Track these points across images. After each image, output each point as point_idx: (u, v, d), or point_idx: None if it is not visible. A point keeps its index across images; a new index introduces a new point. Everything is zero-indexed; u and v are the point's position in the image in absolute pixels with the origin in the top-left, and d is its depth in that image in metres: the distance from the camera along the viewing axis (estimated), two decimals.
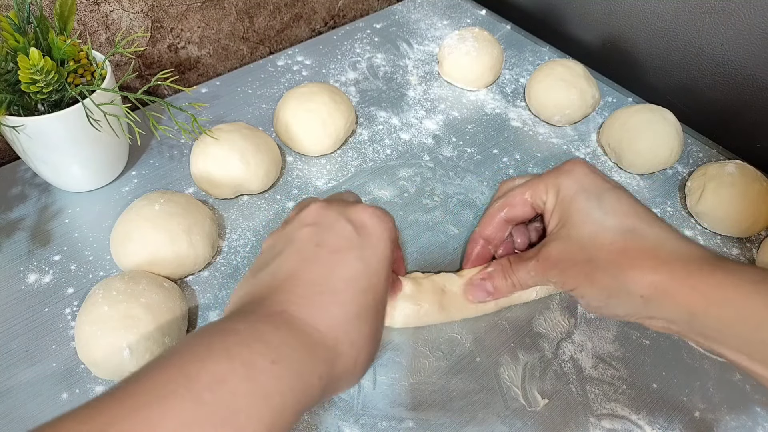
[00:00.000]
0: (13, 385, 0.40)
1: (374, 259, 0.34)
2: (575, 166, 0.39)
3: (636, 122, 0.55)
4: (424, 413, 0.40)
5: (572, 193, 0.38)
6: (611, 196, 0.36)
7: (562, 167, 0.39)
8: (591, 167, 0.39)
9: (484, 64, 0.62)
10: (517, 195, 0.41)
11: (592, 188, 0.37)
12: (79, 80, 0.47)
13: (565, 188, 0.38)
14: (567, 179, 0.38)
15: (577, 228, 0.36)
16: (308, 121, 0.54)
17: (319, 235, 0.34)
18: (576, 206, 0.37)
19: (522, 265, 0.40)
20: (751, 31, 0.56)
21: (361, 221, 0.35)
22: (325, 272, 0.32)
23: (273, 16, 0.71)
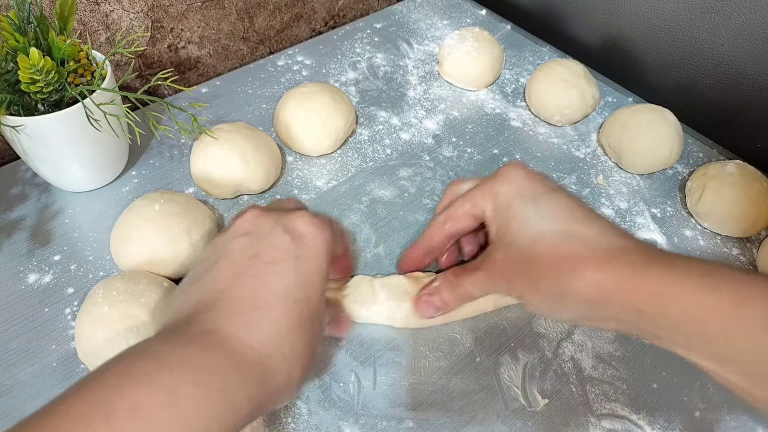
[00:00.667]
0: (13, 385, 0.40)
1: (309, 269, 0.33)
2: (511, 170, 0.38)
3: (636, 122, 0.55)
4: (424, 413, 0.40)
5: (509, 200, 0.36)
6: (548, 199, 0.35)
7: (498, 173, 0.38)
8: (527, 170, 0.38)
9: (484, 64, 0.62)
10: (458, 208, 0.40)
11: (528, 193, 0.36)
12: (79, 80, 0.47)
13: (502, 195, 0.37)
14: (503, 185, 0.37)
15: (517, 235, 0.35)
16: (308, 121, 0.54)
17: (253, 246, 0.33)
18: (513, 213, 0.36)
19: (467, 277, 0.39)
20: (751, 31, 0.56)
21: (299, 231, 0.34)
22: (258, 286, 0.31)
23: (273, 16, 0.71)
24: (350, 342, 0.43)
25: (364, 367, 0.42)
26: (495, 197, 0.37)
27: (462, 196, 0.40)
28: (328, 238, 0.35)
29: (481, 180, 0.40)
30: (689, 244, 0.51)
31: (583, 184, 0.55)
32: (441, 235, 0.42)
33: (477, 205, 0.39)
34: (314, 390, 0.40)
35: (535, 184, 0.37)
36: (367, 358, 0.42)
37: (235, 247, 0.33)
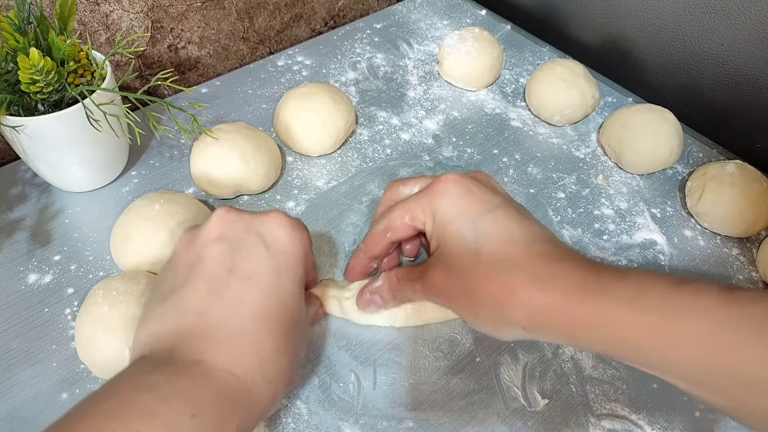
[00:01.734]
0: (13, 385, 0.40)
1: (288, 280, 0.33)
2: (449, 187, 0.36)
3: (636, 122, 0.55)
4: (424, 413, 0.40)
5: (447, 220, 0.35)
6: (485, 221, 0.34)
7: (436, 187, 0.37)
8: (466, 187, 0.36)
9: (484, 64, 0.62)
10: (398, 219, 0.39)
11: (467, 213, 0.35)
12: (79, 80, 0.47)
13: (441, 213, 0.36)
14: (443, 202, 0.36)
15: (455, 258, 0.35)
16: (308, 121, 0.54)
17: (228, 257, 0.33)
18: (451, 234, 0.35)
19: (408, 285, 0.39)
20: (751, 31, 0.56)
21: (273, 237, 0.34)
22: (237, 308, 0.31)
23: (273, 16, 0.71)
24: (350, 342, 0.43)
25: (364, 367, 0.42)
26: (434, 215, 0.36)
27: (401, 205, 0.39)
28: (305, 241, 0.35)
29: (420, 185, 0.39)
30: (689, 244, 0.51)
31: (583, 184, 0.55)
32: (382, 243, 0.41)
33: (416, 218, 0.38)
34: (314, 390, 0.40)
35: (472, 204, 0.35)
36: (367, 358, 0.42)
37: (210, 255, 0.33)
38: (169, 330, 0.31)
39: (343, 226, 0.51)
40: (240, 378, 0.29)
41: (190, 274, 0.33)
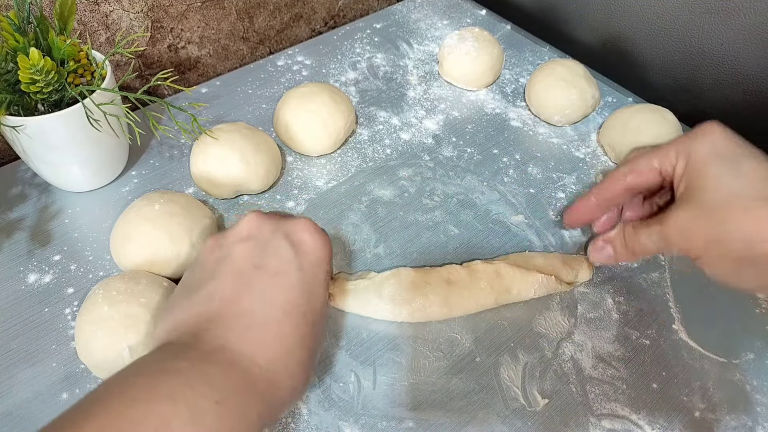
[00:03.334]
0: (13, 385, 0.40)
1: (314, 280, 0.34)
2: (711, 128, 0.36)
3: (636, 122, 0.55)
4: (424, 413, 0.40)
5: (705, 158, 0.35)
6: (748, 162, 0.34)
7: (696, 131, 0.37)
8: (728, 131, 0.36)
9: (484, 64, 0.62)
10: (644, 161, 0.39)
11: (727, 153, 0.35)
12: (79, 80, 0.47)
13: (697, 152, 0.36)
14: (701, 143, 0.36)
15: (709, 194, 0.34)
16: (308, 121, 0.54)
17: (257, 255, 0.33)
18: (708, 171, 0.35)
19: (645, 230, 0.38)
20: (751, 31, 0.56)
21: (298, 238, 0.34)
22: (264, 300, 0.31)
23: (273, 16, 0.71)
24: (350, 342, 0.43)
25: (364, 367, 0.42)
26: (690, 154, 0.36)
27: (650, 151, 0.39)
28: (328, 244, 0.36)
29: (671, 140, 0.39)
30: None
31: (583, 184, 0.55)
32: (619, 186, 0.41)
33: (667, 161, 0.38)
34: (314, 390, 0.40)
35: (734, 145, 0.36)
36: (367, 358, 0.42)
37: (238, 253, 0.33)
38: (194, 316, 0.31)
39: (343, 226, 0.51)
40: (263, 367, 0.29)
41: (217, 269, 0.33)
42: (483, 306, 0.45)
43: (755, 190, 0.33)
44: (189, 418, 0.25)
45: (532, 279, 0.45)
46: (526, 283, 0.45)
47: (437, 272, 0.45)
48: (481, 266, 0.45)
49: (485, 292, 0.44)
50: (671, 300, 0.46)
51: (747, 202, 0.33)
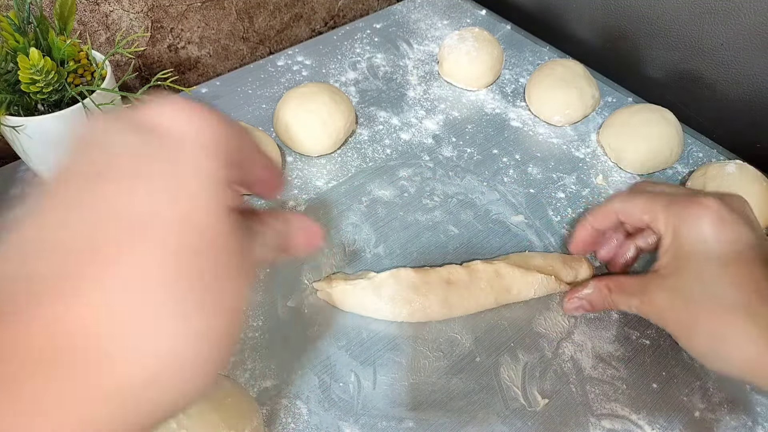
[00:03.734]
0: None
1: (190, 174, 0.19)
2: (704, 214, 0.35)
3: (636, 122, 0.55)
4: (424, 413, 0.40)
5: (692, 248, 0.35)
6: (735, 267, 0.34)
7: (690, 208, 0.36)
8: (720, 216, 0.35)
9: (484, 64, 0.62)
10: (637, 209, 0.39)
11: (715, 249, 0.35)
12: (79, 80, 0.47)
13: (687, 241, 0.36)
14: (691, 228, 0.36)
15: (688, 286, 0.35)
16: (308, 121, 0.54)
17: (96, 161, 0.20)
18: (693, 263, 0.35)
19: (623, 299, 0.40)
20: (751, 31, 0.56)
21: (156, 122, 0.20)
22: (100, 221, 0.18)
23: (273, 16, 0.71)
24: (350, 342, 0.43)
25: (364, 367, 0.42)
26: (678, 236, 0.36)
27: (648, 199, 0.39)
28: (214, 126, 0.20)
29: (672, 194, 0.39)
30: None
31: (583, 184, 0.55)
32: (610, 219, 0.42)
33: (655, 224, 0.38)
34: (314, 390, 0.40)
35: (723, 242, 0.35)
36: (367, 358, 0.42)
37: (69, 170, 0.21)
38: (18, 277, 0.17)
39: (343, 226, 0.51)
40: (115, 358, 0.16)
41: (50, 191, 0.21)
42: (483, 306, 0.45)
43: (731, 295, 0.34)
44: None
45: (532, 279, 0.45)
46: (526, 283, 0.45)
47: (437, 272, 0.45)
48: (481, 266, 0.45)
49: (485, 292, 0.44)
50: None
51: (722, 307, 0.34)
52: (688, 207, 0.36)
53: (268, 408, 0.39)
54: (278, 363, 0.42)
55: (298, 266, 0.48)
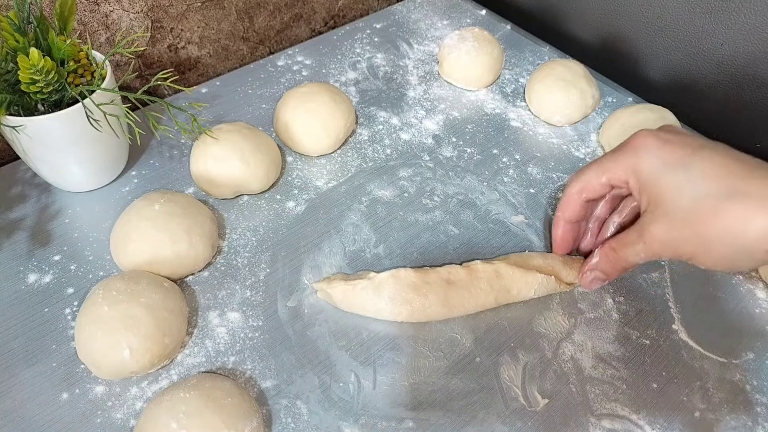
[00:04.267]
0: (13, 385, 0.40)
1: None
2: (645, 141, 0.37)
3: (636, 122, 0.55)
4: (424, 413, 0.40)
5: (655, 171, 0.36)
6: (698, 161, 0.35)
7: (631, 144, 0.38)
8: (662, 138, 0.37)
9: (484, 64, 0.62)
10: (593, 179, 0.41)
11: (673, 160, 0.36)
12: (79, 80, 0.47)
13: (646, 168, 0.37)
14: (644, 157, 0.37)
15: (674, 204, 0.35)
16: (308, 121, 0.54)
17: None
18: (664, 183, 0.36)
19: (629, 249, 0.39)
20: (751, 31, 0.56)
21: None
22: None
23: (273, 16, 0.71)
24: (350, 342, 0.43)
25: (364, 367, 0.42)
26: (638, 172, 0.37)
27: (595, 165, 0.40)
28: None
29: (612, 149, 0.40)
30: None
31: None
32: (576, 203, 0.42)
33: (616, 177, 0.39)
34: (314, 390, 0.40)
35: (676, 149, 0.36)
36: (367, 358, 0.42)
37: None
38: None
39: (343, 226, 0.51)
40: None
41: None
42: (483, 306, 0.45)
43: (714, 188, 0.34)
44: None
45: (532, 279, 0.45)
46: (526, 283, 0.45)
47: (437, 272, 0.45)
48: (481, 266, 0.45)
49: (485, 292, 0.44)
50: (671, 300, 0.46)
51: (712, 203, 0.34)
52: (629, 145, 0.38)
53: (268, 408, 0.39)
54: (278, 363, 0.42)
55: (298, 266, 0.48)
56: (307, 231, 0.50)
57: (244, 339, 0.43)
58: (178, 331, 0.41)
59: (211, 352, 0.42)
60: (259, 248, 0.49)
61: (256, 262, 0.48)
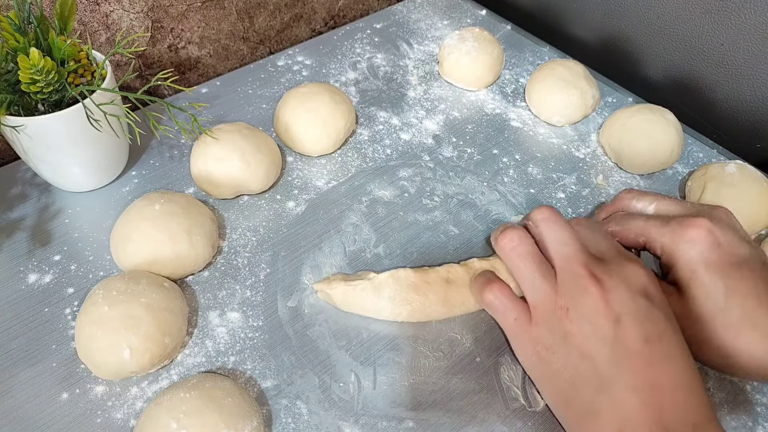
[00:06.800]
0: (13, 385, 0.40)
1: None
2: (701, 239, 0.38)
3: (636, 122, 0.55)
4: (424, 413, 0.40)
5: (693, 266, 0.38)
6: (734, 276, 0.37)
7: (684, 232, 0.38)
8: (717, 239, 0.38)
9: (484, 64, 0.62)
10: (632, 233, 0.42)
11: (715, 266, 0.37)
12: (79, 80, 0.47)
13: (686, 259, 0.38)
14: (689, 251, 0.38)
15: (696, 301, 0.37)
16: (308, 121, 0.54)
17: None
18: (697, 280, 0.37)
19: None
20: (751, 31, 0.56)
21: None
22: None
23: (273, 16, 0.71)
24: (350, 342, 0.43)
25: (364, 367, 0.42)
26: (678, 257, 0.38)
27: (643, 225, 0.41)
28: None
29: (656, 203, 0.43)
30: None
31: (583, 184, 0.55)
32: None
33: (652, 247, 0.40)
34: (314, 390, 0.40)
35: (722, 256, 0.37)
36: (367, 358, 0.42)
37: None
38: None
39: (343, 226, 0.51)
40: None
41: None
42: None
43: (736, 305, 0.36)
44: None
45: None
46: None
47: (436, 272, 0.45)
48: (478, 264, 0.45)
49: None
50: None
51: (728, 318, 0.36)
52: (681, 232, 0.39)
53: (268, 408, 0.39)
54: (278, 363, 0.42)
55: (299, 266, 0.48)
56: (307, 231, 0.50)
57: (244, 339, 0.43)
58: (179, 331, 0.41)
59: (211, 352, 0.42)
60: (259, 248, 0.49)
61: (257, 262, 0.48)
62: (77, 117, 0.44)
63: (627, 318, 0.34)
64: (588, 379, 0.34)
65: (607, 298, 0.35)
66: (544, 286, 0.38)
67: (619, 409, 0.32)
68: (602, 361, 0.34)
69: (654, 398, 0.32)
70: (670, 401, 0.32)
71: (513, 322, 0.39)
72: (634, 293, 0.35)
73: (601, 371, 0.33)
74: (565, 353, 0.35)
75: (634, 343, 0.33)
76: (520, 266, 0.40)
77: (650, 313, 0.34)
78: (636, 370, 0.33)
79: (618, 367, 0.33)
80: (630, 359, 0.33)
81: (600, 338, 0.34)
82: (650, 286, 0.36)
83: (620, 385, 0.33)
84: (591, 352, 0.34)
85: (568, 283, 0.36)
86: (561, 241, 0.39)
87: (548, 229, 0.40)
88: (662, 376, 0.33)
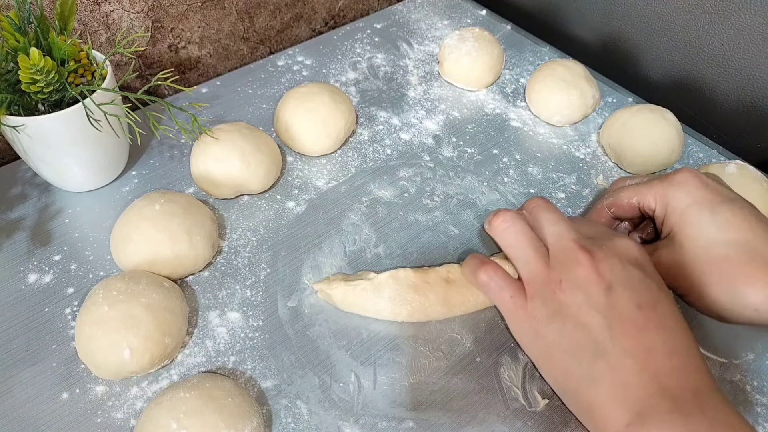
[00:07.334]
0: (13, 385, 0.40)
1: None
2: (687, 179, 0.39)
3: (636, 122, 0.55)
4: (424, 413, 0.40)
5: (683, 206, 0.38)
6: (724, 209, 0.37)
7: (672, 178, 0.40)
8: (703, 180, 0.39)
9: (484, 64, 0.62)
10: (625, 198, 0.43)
11: (704, 202, 0.38)
12: (79, 80, 0.47)
13: (676, 201, 0.39)
14: (677, 192, 0.39)
15: (689, 241, 0.37)
16: (308, 121, 0.54)
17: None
18: (687, 219, 0.38)
19: None
20: (751, 31, 0.56)
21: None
22: None
23: (273, 16, 0.71)
24: (350, 342, 0.43)
25: (364, 367, 0.42)
26: (668, 202, 0.40)
27: (631, 187, 0.43)
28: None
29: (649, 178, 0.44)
30: None
31: (583, 184, 0.55)
32: (604, 217, 0.45)
33: (645, 202, 0.41)
34: (314, 390, 0.40)
35: (710, 194, 0.38)
36: (367, 358, 0.42)
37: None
38: None
39: (343, 226, 0.51)
40: None
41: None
42: (483, 303, 0.45)
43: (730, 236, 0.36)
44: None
45: None
46: None
47: (436, 272, 0.45)
48: None
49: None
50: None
51: (724, 249, 0.36)
52: (670, 178, 0.40)
53: (268, 408, 0.39)
54: (278, 363, 0.42)
55: (299, 266, 0.48)
56: (307, 231, 0.50)
57: (244, 339, 0.43)
58: (179, 331, 0.41)
59: (211, 352, 0.42)
60: (259, 248, 0.49)
61: (257, 262, 0.48)
62: (77, 117, 0.44)
63: (619, 286, 0.34)
64: (584, 347, 0.34)
65: (599, 268, 0.35)
66: (537, 261, 0.39)
67: (616, 375, 0.33)
68: (597, 328, 0.34)
69: (650, 362, 0.32)
70: (667, 366, 0.32)
71: (509, 299, 0.40)
72: (626, 263, 0.36)
73: (596, 338, 0.34)
74: (560, 324, 0.36)
75: (626, 309, 0.34)
76: (514, 244, 0.41)
77: (643, 282, 0.35)
78: (630, 335, 0.33)
79: (612, 333, 0.33)
80: (623, 324, 0.33)
81: (593, 306, 0.34)
82: (641, 258, 0.37)
83: (616, 350, 0.33)
84: (585, 320, 0.34)
85: (560, 256, 0.37)
86: (553, 221, 0.40)
87: (541, 213, 0.41)
88: (657, 341, 0.33)
